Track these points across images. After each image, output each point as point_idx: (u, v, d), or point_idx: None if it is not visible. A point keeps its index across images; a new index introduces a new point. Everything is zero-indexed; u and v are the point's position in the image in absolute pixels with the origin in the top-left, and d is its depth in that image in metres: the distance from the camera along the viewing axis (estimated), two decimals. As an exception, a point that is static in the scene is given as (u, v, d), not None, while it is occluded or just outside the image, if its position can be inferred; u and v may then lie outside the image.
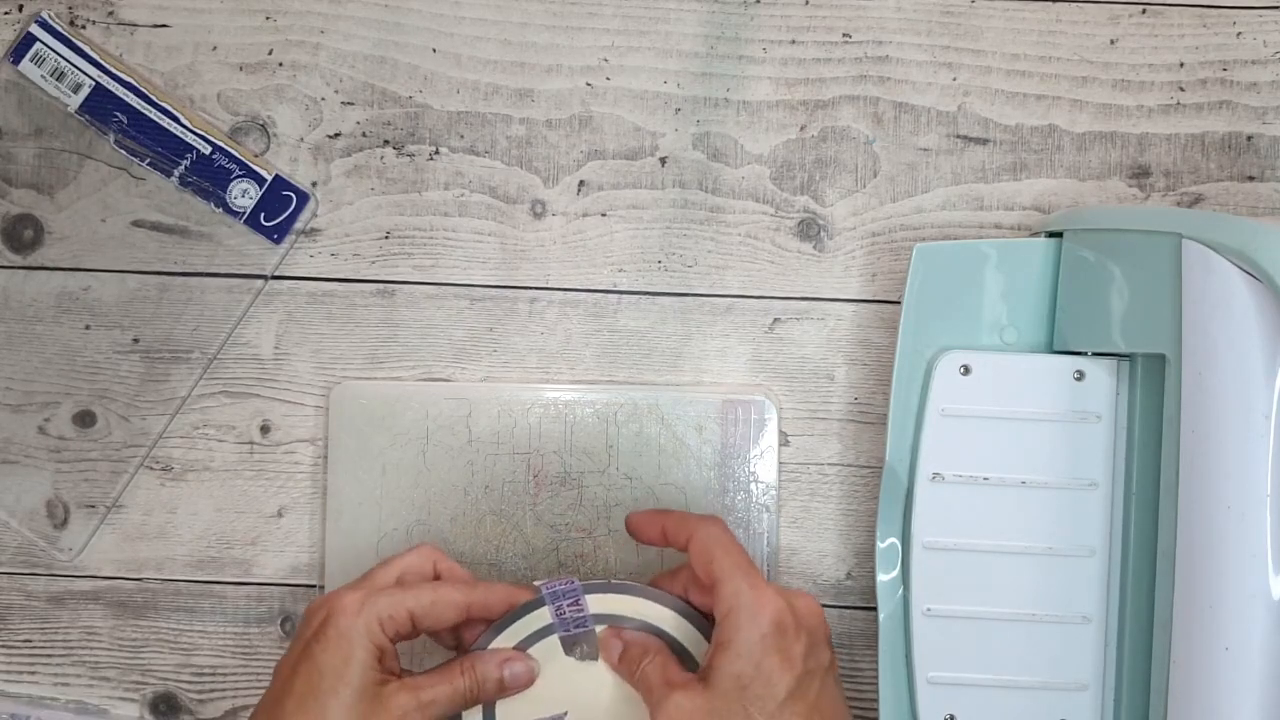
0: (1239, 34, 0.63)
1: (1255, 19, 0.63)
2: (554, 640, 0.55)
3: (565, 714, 0.55)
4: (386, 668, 0.53)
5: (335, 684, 0.51)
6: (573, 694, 0.56)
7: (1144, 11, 0.64)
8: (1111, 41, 0.64)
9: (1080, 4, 0.63)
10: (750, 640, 0.51)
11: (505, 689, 0.55)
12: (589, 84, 0.63)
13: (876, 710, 0.59)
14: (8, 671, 0.63)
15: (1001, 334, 0.60)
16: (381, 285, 0.63)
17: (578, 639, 0.56)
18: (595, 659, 0.56)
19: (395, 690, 0.52)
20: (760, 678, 0.51)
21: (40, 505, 0.63)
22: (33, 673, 0.63)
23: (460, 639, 0.56)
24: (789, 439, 0.63)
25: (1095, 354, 0.59)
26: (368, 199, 0.63)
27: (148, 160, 0.62)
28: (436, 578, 0.55)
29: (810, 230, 0.63)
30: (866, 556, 0.63)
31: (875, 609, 0.60)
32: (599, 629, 0.56)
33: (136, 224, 0.63)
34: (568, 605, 0.56)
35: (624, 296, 0.63)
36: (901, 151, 0.63)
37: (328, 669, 0.51)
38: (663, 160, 0.63)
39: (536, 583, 0.55)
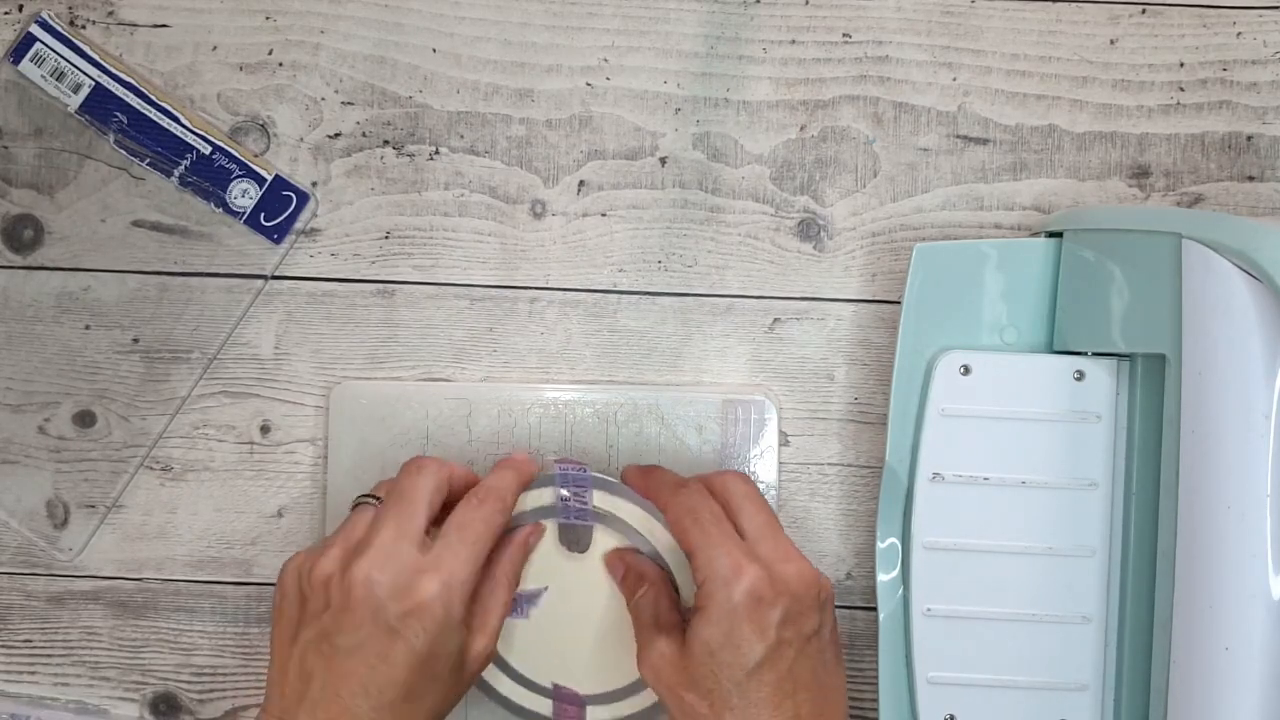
0: (1239, 34, 0.63)
1: (1255, 19, 0.63)
2: (551, 522, 0.56)
3: (545, 589, 0.57)
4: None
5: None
6: (554, 575, 0.57)
7: (1144, 11, 0.64)
8: (1111, 41, 0.64)
9: (1080, 4, 0.63)
10: (721, 608, 0.52)
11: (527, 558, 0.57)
12: (589, 84, 0.63)
13: (877, 710, 0.59)
14: (8, 671, 0.63)
15: (1001, 334, 0.60)
16: (381, 285, 0.63)
17: (576, 531, 0.56)
18: (584, 552, 0.56)
19: (473, 640, 0.54)
20: (729, 645, 0.51)
21: (40, 505, 0.63)
22: (33, 673, 0.63)
23: None
24: (789, 439, 0.63)
25: (1095, 354, 0.59)
26: (368, 199, 0.63)
27: (147, 160, 0.62)
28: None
29: (810, 230, 0.63)
30: (866, 556, 0.63)
31: (875, 609, 0.60)
32: (597, 528, 0.56)
33: (136, 224, 0.63)
34: (574, 493, 0.56)
35: (624, 296, 0.63)
36: (901, 151, 0.63)
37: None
38: (663, 160, 0.63)
39: (551, 457, 0.55)
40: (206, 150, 0.62)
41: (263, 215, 0.62)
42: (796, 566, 0.53)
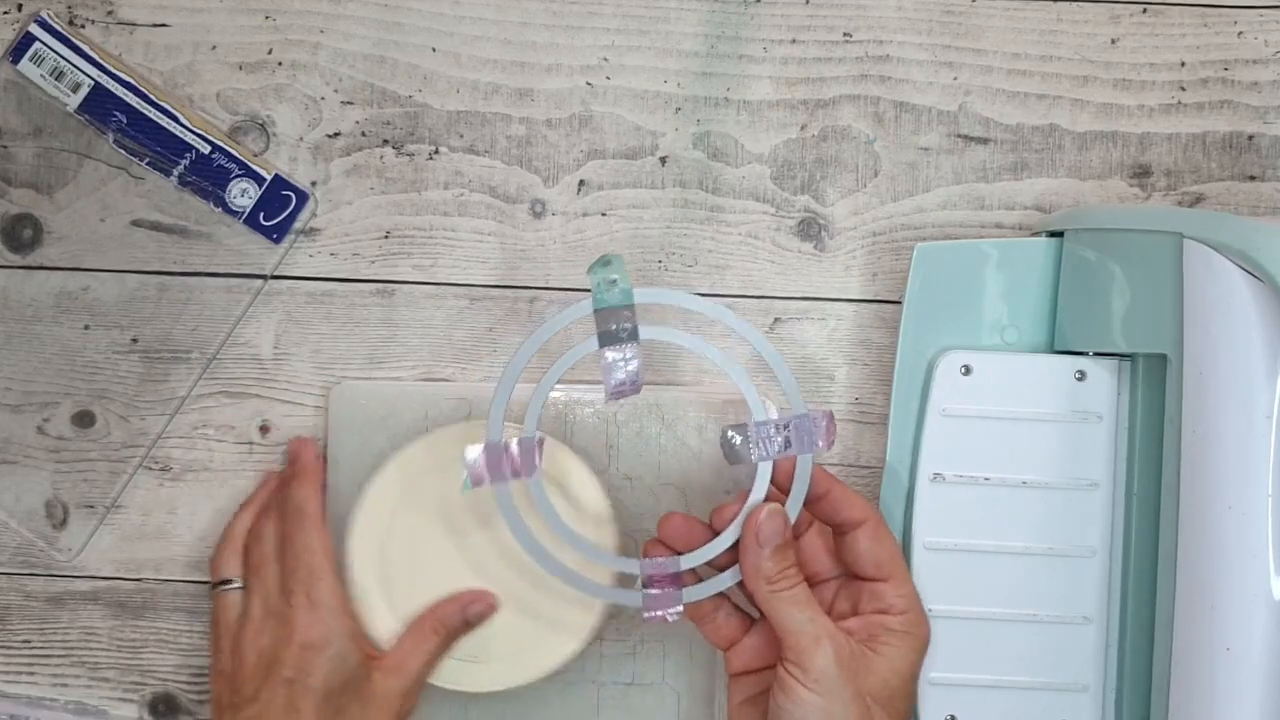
0: (1240, 33, 0.63)
1: (1256, 18, 0.63)
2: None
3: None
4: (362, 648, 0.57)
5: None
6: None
7: (1145, 11, 0.63)
8: (1112, 41, 0.63)
9: (1081, 3, 0.63)
10: (921, 647, 0.53)
11: (471, 627, 0.58)
12: (589, 83, 0.63)
13: (877, 711, 0.59)
14: (7, 672, 0.63)
15: (1002, 334, 0.60)
16: (381, 285, 0.63)
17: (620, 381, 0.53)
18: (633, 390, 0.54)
19: (382, 677, 0.56)
20: (911, 681, 0.53)
21: (39, 505, 0.63)
22: (32, 673, 0.63)
23: None
24: (789, 439, 0.63)
25: (1096, 354, 0.59)
26: (367, 199, 0.63)
27: (147, 160, 0.62)
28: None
29: (811, 230, 0.63)
30: (867, 557, 0.63)
31: (876, 609, 0.60)
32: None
33: (136, 224, 0.63)
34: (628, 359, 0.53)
35: (624, 296, 0.63)
36: (902, 151, 0.63)
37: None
38: (663, 160, 0.63)
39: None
40: (206, 150, 0.62)
41: (262, 215, 0.62)
42: None
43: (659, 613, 0.54)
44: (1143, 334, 0.55)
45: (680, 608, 0.54)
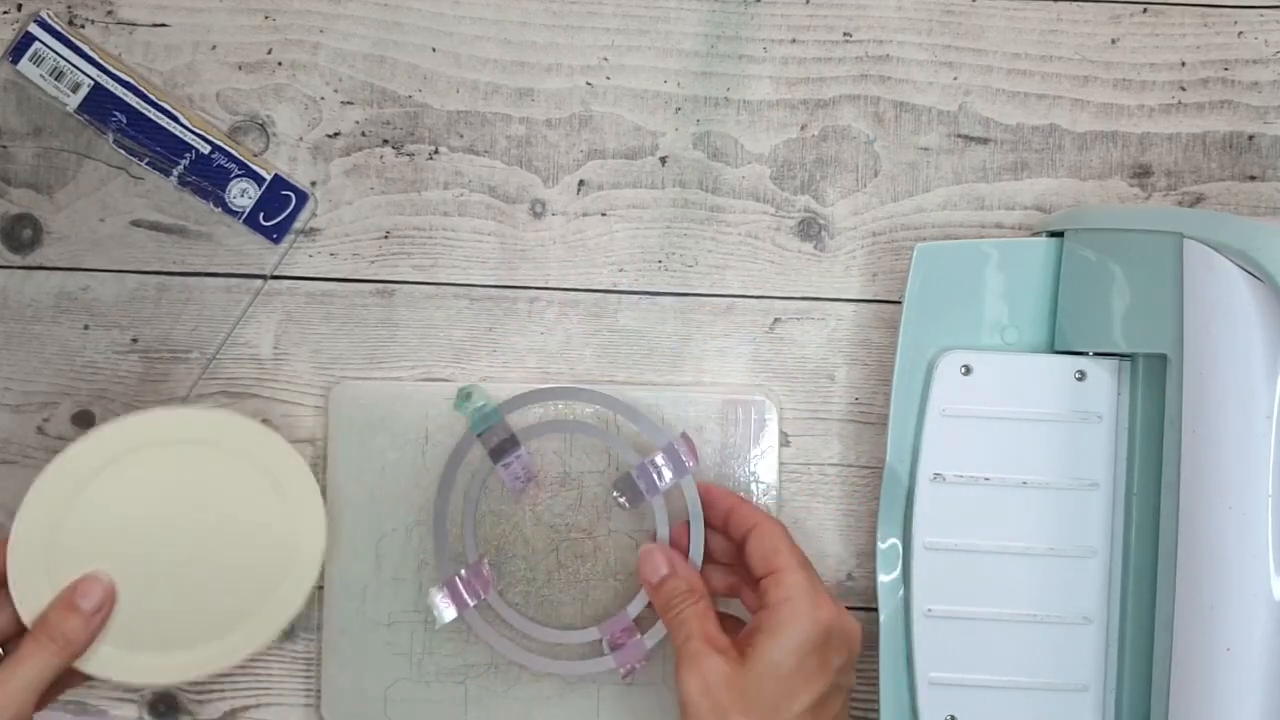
0: (1240, 33, 0.63)
1: (1256, 18, 0.63)
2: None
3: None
4: None
5: None
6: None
7: (1145, 11, 0.63)
8: (1113, 41, 0.63)
9: (1081, 3, 0.63)
10: (799, 634, 0.51)
11: (99, 621, 0.53)
12: (589, 83, 0.63)
13: (878, 711, 0.59)
14: (7, 672, 0.63)
15: (1002, 334, 0.60)
16: (381, 285, 0.63)
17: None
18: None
19: None
20: (798, 674, 0.51)
21: (39, 505, 0.62)
22: (32, 673, 0.63)
23: None
24: (789, 439, 0.63)
25: (1096, 354, 0.59)
26: (367, 199, 0.63)
27: (146, 160, 0.62)
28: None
29: (811, 230, 0.63)
30: (867, 557, 0.63)
31: (876, 609, 0.60)
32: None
33: (135, 224, 0.63)
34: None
35: (624, 296, 0.63)
36: (902, 151, 0.63)
37: None
38: (663, 160, 0.63)
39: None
40: (205, 150, 0.62)
41: (262, 215, 0.62)
42: (853, 621, 0.54)
43: (629, 665, 0.60)
44: (1143, 334, 0.55)
45: (646, 653, 0.59)
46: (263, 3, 0.63)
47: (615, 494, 0.61)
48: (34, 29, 0.61)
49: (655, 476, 0.59)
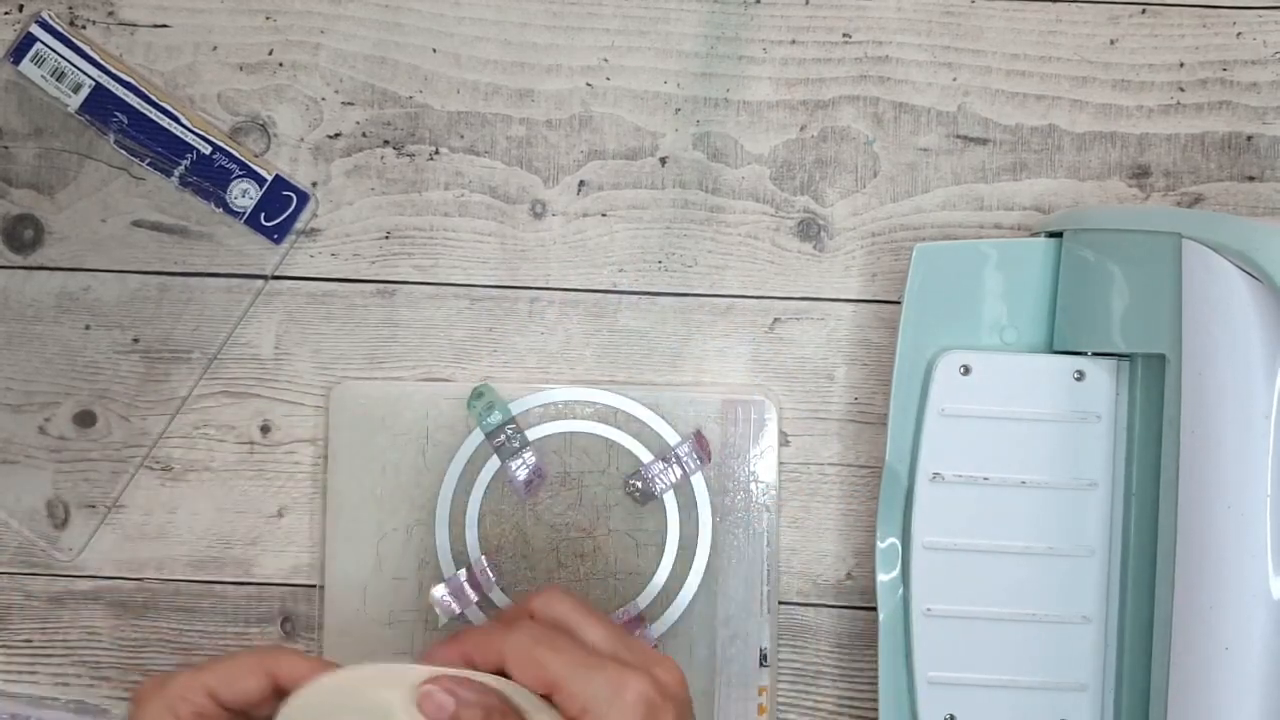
0: (1239, 34, 0.63)
1: (1255, 19, 0.63)
2: None
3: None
4: None
5: None
6: None
7: (1144, 11, 0.64)
8: (1111, 41, 0.64)
9: (1080, 4, 0.63)
10: None
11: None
12: (589, 84, 0.63)
13: (876, 711, 0.59)
14: (8, 671, 0.63)
15: (1001, 334, 0.60)
16: (381, 285, 0.63)
17: None
18: None
19: None
20: None
21: (40, 505, 0.63)
22: (33, 672, 0.63)
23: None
24: (789, 439, 0.63)
25: (1095, 354, 0.59)
26: (368, 199, 0.63)
27: (148, 160, 0.62)
28: (278, 685, 0.48)
29: (810, 230, 0.63)
30: (866, 556, 0.63)
31: (875, 609, 0.60)
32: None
33: (136, 224, 0.63)
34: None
35: (624, 296, 0.63)
36: (901, 151, 0.63)
37: None
38: (663, 160, 0.63)
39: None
40: (207, 150, 0.62)
41: (263, 215, 0.62)
42: (668, 666, 0.48)
43: None
44: (1142, 334, 0.55)
45: None
46: (264, 3, 0.63)
47: (628, 487, 0.61)
48: (35, 30, 0.62)
49: (668, 474, 0.61)
